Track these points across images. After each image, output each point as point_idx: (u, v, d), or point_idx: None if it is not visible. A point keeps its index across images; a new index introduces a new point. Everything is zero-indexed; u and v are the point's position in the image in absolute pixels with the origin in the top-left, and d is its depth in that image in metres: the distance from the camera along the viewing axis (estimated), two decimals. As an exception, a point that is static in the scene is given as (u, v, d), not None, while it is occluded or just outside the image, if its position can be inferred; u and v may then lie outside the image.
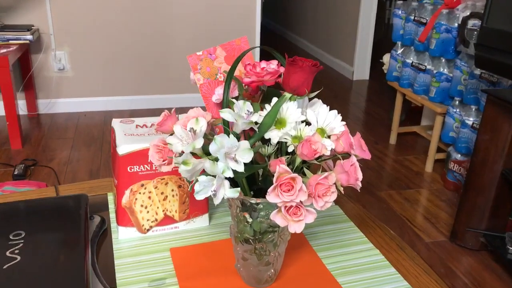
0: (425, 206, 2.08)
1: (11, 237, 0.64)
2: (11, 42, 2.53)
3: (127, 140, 0.68)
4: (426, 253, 1.72)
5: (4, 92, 2.31)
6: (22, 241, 0.63)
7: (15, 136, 2.42)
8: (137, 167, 0.69)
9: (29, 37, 2.57)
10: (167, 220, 0.73)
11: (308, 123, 0.56)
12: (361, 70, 3.99)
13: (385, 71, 2.68)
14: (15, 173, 2.13)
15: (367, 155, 0.58)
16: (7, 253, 0.61)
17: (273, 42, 5.29)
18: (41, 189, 0.84)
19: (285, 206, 0.51)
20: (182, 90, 3.14)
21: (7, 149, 2.45)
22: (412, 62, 2.40)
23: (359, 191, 0.56)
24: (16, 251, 0.61)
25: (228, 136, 0.49)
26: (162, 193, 0.71)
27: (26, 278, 0.57)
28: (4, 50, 2.41)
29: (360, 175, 0.56)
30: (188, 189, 0.72)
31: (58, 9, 2.81)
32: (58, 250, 0.63)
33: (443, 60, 2.23)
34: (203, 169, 0.51)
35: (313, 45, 4.77)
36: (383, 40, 4.95)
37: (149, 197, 0.71)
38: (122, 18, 2.93)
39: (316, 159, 0.54)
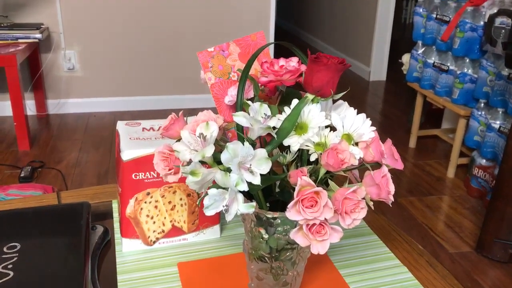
0: (448, 214, 1.99)
1: (5, 250, 0.60)
2: (20, 40, 2.51)
3: (132, 144, 0.63)
4: (450, 265, 1.64)
5: (12, 92, 2.29)
6: (17, 254, 0.59)
7: (23, 137, 2.40)
8: (143, 174, 0.64)
9: (38, 35, 2.55)
10: (175, 231, 0.68)
11: (332, 128, 0.49)
12: (378, 70, 3.91)
13: (405, 72, 2.60)
14: (22, 175, 2.11)
15: (400, 165, 0.51)
16: (0, 268, 0.56)
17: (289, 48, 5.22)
18: (41, 196, 0.79)
19: (307, 224, 0.45)
20: (195, 90, 3.10)
21: (14, 150, 2.43)
22: (434, 62, 2.32)
23: (390, 206, 0.49)
24: (10, 266, 0.57)
25: (243, 143, 0.43)
26: (169, 202, 0.67)
27: (19, 297, 0.52)
28: (13, 49, 2.39)
29: (392, 188, 0.49)
30: (197, 203, 0.66)
31: (68, 8, 2.80)
32: (55, 265, 0.58)
33: (467, 60, 2.14)
34: (214, 180, 0.45)
35: (328, 45, 4.70)
36: (400, 40, 4.86)
37: (156, 207, 0.66)
38: (132, 17, 2.90)
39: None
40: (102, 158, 2.39)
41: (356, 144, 0.50)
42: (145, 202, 0.65)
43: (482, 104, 2.06)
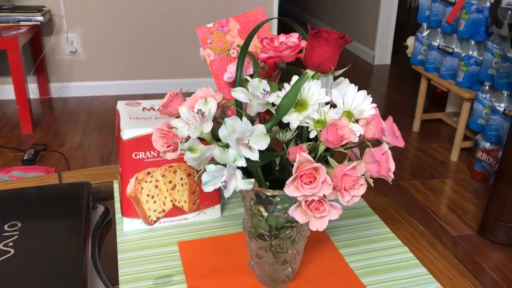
0: (451, 197, 1.99)
1: (5, 228, 0.60)
2: (21, 23, 2.49)
3: (132, 124, 0.63)
4: (452, 248, 1.64)
5: (14, 75, 2.29)
6: (17, 233, 0.59)
7: (26, 120, 2.41)
8: (143, 153, 0.64)
9: (40, 18, 2.53)
10: (176, 211, 0.68)
11: (333, 105, 0.49)
12: (382, 54, 3.87)
13: (409, 55, 2.57)
14: (25, 158, 2.12)
15: (401, 142, 0.51)
16: (0, 246, 0.57)
17: (290, 25, 5.17)
18: (43, 176, 0.79)
19: (306, 201, 0.45)
20: (198, 74, 3.09)
21: (17, 134, 2.44)
22: (439, 44, 2.29)
23: (390, 183, 0.49)
24: (10, 244, 0.57)
25: (241, 119, 0.43)
26: (170, 181, 0.66)
27: (19, 274, 0.53)
28: (15, 32, 2.37)
29: (392, 165, 0.49)
30: (196, 180, 0.66)
31: (69, -10, 2.77)
32: (55, 243, 0.58)
33: (473, 42, 2.11)
34: (213, 157, 0.45)
35: (332, 28, 4.65)
36: (406, 24, 4.80)
37: (156, 186, 0.66)
38: (135, 0, 2.86)
39: (342, 146, 0.47)
40: (105, 141, 2.39)
41: (357, 121, 0.49)
42: (146, 182, 0.65)
43: (487, 87, 2.04)
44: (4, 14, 2.49)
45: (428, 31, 2.40)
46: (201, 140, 0.46)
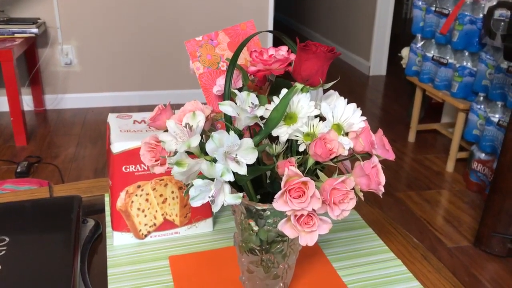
0: (447, 208, 1.98)
1: (-7, 244, 0.59)
2: (16, 35, 2.50)
3: (122, 137, 0.63)
4: (448, 259, 1.63)
5: (8, 87, 2.28)
6: (5, 248, 0.58)
7: (20, 132, 2.40)
8: (133, 166, 0.63)
9: (35, 30, 2.54)
10: (167, 224, 0.68)
11: (322, 118, 0.49)
12: (378, 65, 3.89)
13: (404, 66, 2.58)
14: (18, 170, 2.10)
15: (391, 156, 0.50)
16: (-13, 262, 0.55)
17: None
18: (33, 190, 0.78)
19: (295, 215, 0.44)
20: (193, 85, 3.09)
21: (11, 146, 2.42)
22: (433, 55, 2.30)
23: (381, 196, 0.48)
24: (-3, 260, 0.56)
25: (229, 132, 0.42)
26: (161, 195, 0.66)
27: (6, 291, 0.52)
28: (9, 44, 2.38)
29: (382, 179, 0.48)
30: (183, 194, 0.65)
31: (65, 2, 2.78)
32: (43, 258, 0.57)
33: (467, 53, 2.13)
34: (201, 171, 0.44)
35: (328, 39, 4.68)
36: (401, 35, 4.84)
37: (147, 200, 0.65)
38: (130, 11, 2.88)
39: (332, 159, 0.47)
40: (99, 153, 2.38)
41: (347, 134, 0.49)
42: (136, 195, 0.65)
43: (481, 98, 2.05)
44: (-2, 27, 2.50)
45: (422, 42, 2.42)
46: (190, 154, 0.45)
